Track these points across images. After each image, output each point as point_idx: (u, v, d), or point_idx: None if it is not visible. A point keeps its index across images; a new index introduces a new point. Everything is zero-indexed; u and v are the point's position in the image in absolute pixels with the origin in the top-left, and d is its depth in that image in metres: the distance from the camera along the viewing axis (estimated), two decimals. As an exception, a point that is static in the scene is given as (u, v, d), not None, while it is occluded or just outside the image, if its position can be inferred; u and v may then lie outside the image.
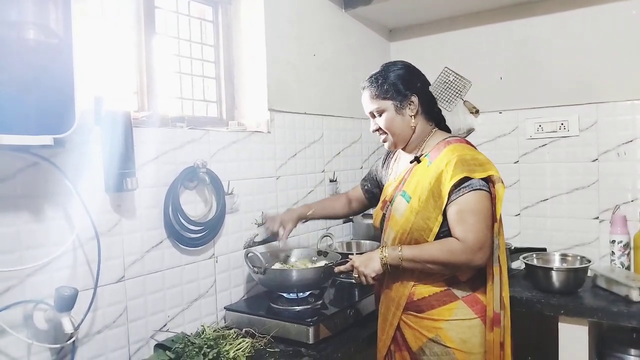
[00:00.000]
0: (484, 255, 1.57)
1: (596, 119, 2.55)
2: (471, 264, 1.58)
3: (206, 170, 1.90)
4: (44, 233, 1.44)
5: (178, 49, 2.11)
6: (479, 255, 1.56)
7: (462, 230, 1.56)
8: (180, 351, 1.61)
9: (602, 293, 2.18)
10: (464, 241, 1.55)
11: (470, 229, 1.56)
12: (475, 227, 1.56)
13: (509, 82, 2.80)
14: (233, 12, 2.31)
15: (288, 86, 2.39)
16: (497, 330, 1.61)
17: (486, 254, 1.58)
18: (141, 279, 1.72)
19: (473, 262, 1.57)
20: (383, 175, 1.99)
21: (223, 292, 2.03)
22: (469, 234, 1.55)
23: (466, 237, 1.55)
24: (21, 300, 1.39)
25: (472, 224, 1.56)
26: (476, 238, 1.55)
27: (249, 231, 2.15)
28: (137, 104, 1.91)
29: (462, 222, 1.57)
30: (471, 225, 1.56)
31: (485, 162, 1.63)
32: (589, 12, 2.57)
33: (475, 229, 1.56)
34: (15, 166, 1.38)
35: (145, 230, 1.73)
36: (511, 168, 2.78)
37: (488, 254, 1.59)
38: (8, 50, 1.23)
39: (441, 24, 3.00)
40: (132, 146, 1.61)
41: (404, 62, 1.80)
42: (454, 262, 1.58)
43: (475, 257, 1.56)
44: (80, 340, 1.54)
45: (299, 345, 1.74)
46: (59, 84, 1.31)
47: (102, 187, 1.59)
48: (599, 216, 2.55)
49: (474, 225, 1.56)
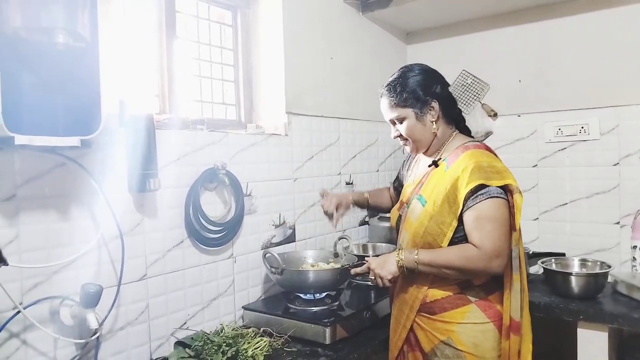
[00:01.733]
0: (501, 262, 1.55)
1: (617, 123, 2.51)
2: (488, 271, 1.57)
3: (226, 172, 1.93)
4: (70, 232, 1.49)
5: (198, 52, 2.16)
6: (496, 263, 1.54)
7: (479, 237, 1.55)
8: (199, 349, 1.64)
9: (622, 299, 2.15)
10: (481, 248, 1.54)
11: (488, 236, 1.54)
12: (493, 234, 1.54)
13: (528, 85, 2.78)
14: (252, 16, 2.35)
15: (305, 89, 2.42)
16: (516, 339, 1.60)
17: (503, 262, 1.56)
18: (162, 278, 1.75)
19: (490, 270, 1.56)
20: (405, 175, 1.98)
21: (241, 291, 2.06)
22: (486, 241, 1.54)
23: (483, 244, 1.54)
24: (48, 296, 1.43)
25: (489, 231, 1.54)
26: (493, 245, 1.54)
27: (266, 232, 2.18)
28: (158, 106, 1.95)
29: (480, 229, 1.55)
30: (488, 232, 1.54)
31: (502, 170, 1.61)
32: (609, 14, 2.54)
33: (493, 236, 1.54)
34: (43, 166, 1.43)
35: (166, 230, 1.77)
36: (530, 172, 2.76)
37: (505, 261, 1.57)
38: (39, 55, 1.27)
39: (459, 27, 3.00)
40: (155, 148, 1.65)
41: (422, 66, 1.77)
42: (471, 268, 1.57)
43: (492, 265, 1.54)
44: (104, 336, 1.58)
45: (315, 346, 1.75)
46: (86, 87, 1.35)
47: (126, 187, 1.64)
48: (620, 221, 2.51)
49: (492, 233, 1.54)
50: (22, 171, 1.38)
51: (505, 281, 1.62)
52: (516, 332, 1.60)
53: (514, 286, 1.61)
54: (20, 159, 1.38)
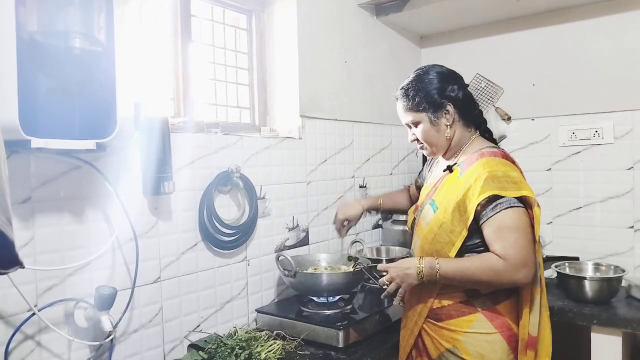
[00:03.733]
0: (528, 272, 1.49)
1: (631, 127, 2.50)
2: (516, 282, 1.51)
3: (240, 175, 1.93)
4: (85, 234, 1.50)
5: (213, 56, 2.17)
6: (522, 273, 1.48)
7: (502, 247, 1.48)
8: (212, 352, 1.64)
9: (636, 303, 2.14)
10: (506, 259, 1.47)
11: (512, 245, 1.48)
12: (517, 244, 1.48)
13: (542, 89, 2.77)
14: (266, 20, 2.36)
15: (319, 93, 2.42)
16: (531, 354, 1.55)
17: (531, 272, 1.50)
18: (176, 280, 1.76)
19: (517, 281, 1.50)
20: (426, 176, 1.95)
21: (255, 294, 2.06)
22: (510, 251, 1.47)
23: (508, 254, 1.47)
24: (63, 298, 1.44)
25: (513, 241, 1.48)
26: (519, 255, 1.47)
27: (280, 235, 2.18)
28: (173, 110, 1.96)
29: (502, 239, 1.49)
30: (512, 242, 1.48)
31: (519, 180, 1.55)
32: (624, 18, 2.53)
33: (517, 246, 1.48)
34: (59, 169, 1.44)
35: (180, 232, 1.77)
36: (544, 176, 2.74)
37: (532, 271, 1.50)
38: (55, 59, 1.29)
39: (473, 31, 2.99)
40: (169, 151, 1.66)
41: (437, 69, 1.72)
42: (497, 281, 1.51)
43: (519, 275, 1.48)
44: (118, 339, 1.59)
45: (328, 349, 1.75)
46: (102, 91, 1.36)
47: (141, 190, 1.64)
48: (634, 225, 2.50)
49: (516, 242, 1.48)
50: (37, 174, 1.39)
51: (526, 294, 1.57)
52: (532, 348, 1.56)
53: (535, 301, 1.56)
54: (36, 161, 1.39)
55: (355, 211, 2.04)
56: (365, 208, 2.05)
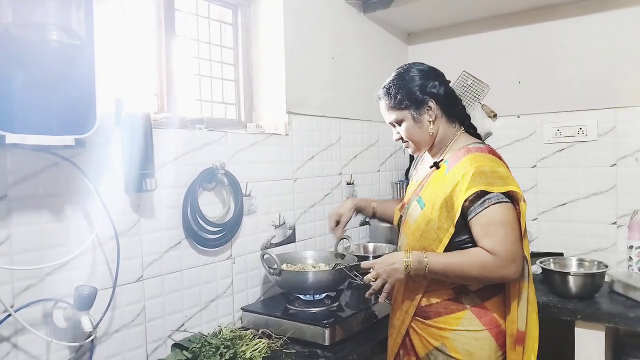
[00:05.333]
0: (517, 267, 1.49)
1: (615, 124, 2.53)
2: (506, 278, 1.51)
3: (225, 172, 1.90)
4: (64, 232, 1.46)
5: (197, 51, 2.13)
6: (512, 268, 1.48)
7: (491, 243, 1.48)
8: (197, 351, 1.62)
9: (619, 298, 2.16)
10: (495, 254, 1.47)
11: (501, 241, 1.48)
12: (506, 240, 1.48)
13: (528, 86, 2.79)
14: (252, 15, 2.33)
15: (306, 89, 2.40)
16: (520, 349, 1.56)
17: (519, 266, 1.50)
18: (159, 279, 1.73)
19: (507, 276, 1.50)
20: (412, 174, 1.94)
21: (240, 293, 2.04)
22: (500, 247, 1.47)
23: (497, 250, 1.47)
24: (41, 298, 1.40)
25: (502, 237, 1.48)
26: (508, 250, 1.47)
27: (266, 233, 2.16)
28: (157, 105, 1.92)
29: (491, 235, 1.49)
30: (501, 237, 1.48)
31: (505, 175, 1.55)
32: (608, 16, 2.55)
33: (506, 241, 1.48)
34: (37, 166, 1.40)
35: (164, 230, 1.74)
36: (529, 172, 2.76)
37: (521, 266, 1.51)
38: (32, 52, 1.25)
39: (459, 28, 3.00)
40: (152, 147, 1.62)
41: (417, 66, 1.72)
42: (487, 276, 1.50)
43: (509, 271, 1.48)
44: (99, 339, 1.55)
45: (314, 347, 1.74)
46: (80, 85, 1.33)
47: (122, 187, 1.61)
48: (617, 221, 2.53)
49: (505, 238, 1.48)
50: (14, 171, 1.35)
51: (514, 289, 1.57)
52: (520, 343, 1.56)
53: (522, 295, 1.56)
54: (12, 158, 1.35)
55: (345, 206, 2.00)
56: (356, 203, 2.00)
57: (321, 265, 2.10)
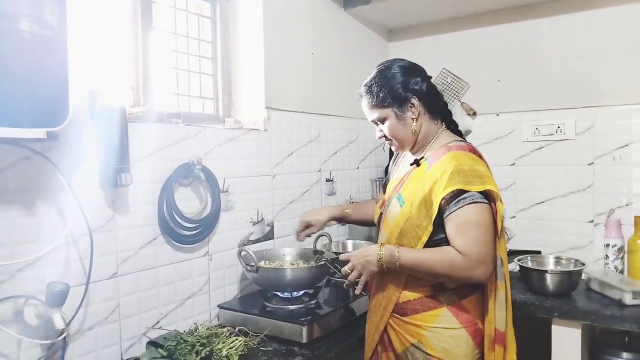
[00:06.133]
0: (485, 270, 1.49)
1: (592, 123, 2.55)
2: (472, 279, 1.51)
3: (201, 167, 1.88)
4: (36, 228, 1.42)
5: (175, 44, 2.10)
6: (480, 270, 1.49)
7: (462, 243, 1.49)
8: (172, 349, 1.60)
9: (595, 296, 2.19)
10: (465, 254, 1.47)
11: (472, 242, 1.48)
12: (477, 240, 1.48)
13: (507, 85, 2.81)
14: (231, 9, 2.30)
15: (286, 84, 2.38)
16: (500, 350, 1.55)
17: (488, 269, 1.50)
18: (134, 276, 1.70)
19: (473, 277, 1.50)
20: (391, 171, 1.93)
21: (217, 290, 2.02)
22: (470, 247, 1.47)
23: (467, 251, 1.47)
24: (11, 295, 1.37)
25: (473, 237, 1.48)
26: (478, 252, 1.47)
27: (244, 229, 2.14)
28: (132, 99, 1.89)
29: (463, 235, 1.49)
30: (473, 238, 1.48)
31: (484, 174, 1.54)
32: (587, 16, 2.57)
33: (477, 242, 1.48)
34: (7, 159, 1.36)
35: (139, 226, 1.71)
36: (507, 170, 2.78)
37: (490, 269, 1.51)
38: (3, 42, 1.21)
39: (440, 25, 3.00)
40: (127, 141, 1.59)
41: (399, 62, 1.70)
42: (454, 276, 1.51)
43: (476, 272, 1.49)
44: (72, 337, 1.52)
45: (292, 345, 1.73)
46: (52, 77, 1.29)
47: (96, 182, 1.58)
48: (594, 220, 2.56)
49: (476, 238, 1.48)
50: (-17, 164, 1.32)
51: (490, 290, 1.57)
52: (500, 343, 1.56)
53: (498, 295, 1.56)
54: (-19, 151, 1.31)
55: (319, 216, 2.01)
56: (331, 216, 2.02)
57: (299, 262, 2.09)
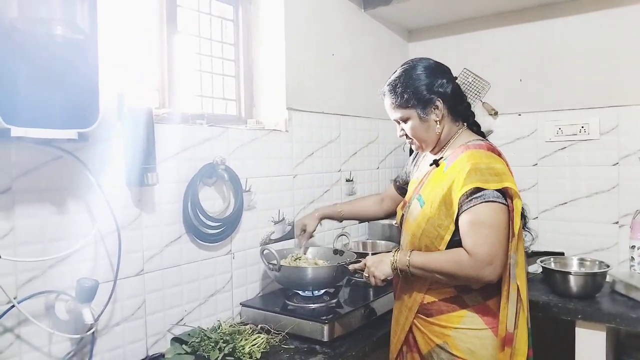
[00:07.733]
0: (493, 270, 1.48)
1: (617, 123, 2.51)
2: (480, 279, 1.49)
3: (225, 167, 1.91)
4: (66, 225, 1.47)
5: (199, 47, 2.14)
6: (488, 270, 1.47)
7: (472, 243, 1.48)
8: (196, 345, 1.63)
9: (620, 299, 2.16)
10: (473, 254, 1.46)
11: (482, 242, 1.47)
12: (487, 241, 1.47)
13: (529, 84, 2.78)
14: (253, 12, 2.34)
15: (306, 85, 2.40)
16: (508, 351, 1.53)
17: (496, 270, 1.48)
18: (160, 273, 1.74)
19: (482, 278, 1.48)
20: (412, 171, 1.93)
21: (239, 288, 2.05)
22: (479, 247, 1.46)
23: (476, 250, 1.46)
24: (43, 290, 1.41)
25: (484, 237, 1.47)
26: (487, 252, 1.46)
27: (265, 228, 2.17)
28: (158, 100, 1.93)
29: (474, 234, 1.48)
30: (483, 237, 1.47)
31: (502, 172, 1.52)
32: (611, 15, 2.54)
33: (487, 242, 1.46)
34: (40, 159, 1.41)
35: (164, 225, 1.75)
36: (530, 171, 2.76)
37: (499, 269, 1.49)
38: (36, 46, 1.25)
39: (460, 25, 2.99)
40: (153, 142, 1.64)
41: (424, 63, 1.68)
42: (462, 275, 1.50)
43: (484, 272, 1.47)
44: (100, 332, 1.57)
45: (313, 343, 1.74)
46: (84, 80, 1.34)
47: (124, 181, 1.62)
48: (619, 221, 2.51)
49: (486, 238, 1.47)
50: (18, 164, 1.37)
51: (504, 290, 1.54)
52: (509, 344, 1.53)
53: (511, 296, 1.53)
54: (16, 151, 1.36)
55: (310, 220, 2.11)
56: (321, 213, 2.11)
57: (320, 261, 2.11)
